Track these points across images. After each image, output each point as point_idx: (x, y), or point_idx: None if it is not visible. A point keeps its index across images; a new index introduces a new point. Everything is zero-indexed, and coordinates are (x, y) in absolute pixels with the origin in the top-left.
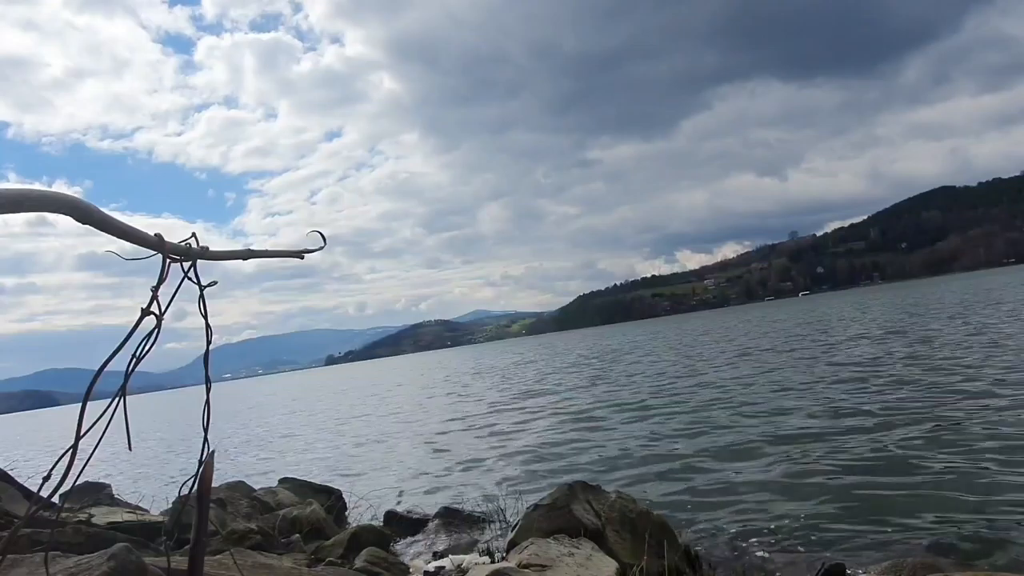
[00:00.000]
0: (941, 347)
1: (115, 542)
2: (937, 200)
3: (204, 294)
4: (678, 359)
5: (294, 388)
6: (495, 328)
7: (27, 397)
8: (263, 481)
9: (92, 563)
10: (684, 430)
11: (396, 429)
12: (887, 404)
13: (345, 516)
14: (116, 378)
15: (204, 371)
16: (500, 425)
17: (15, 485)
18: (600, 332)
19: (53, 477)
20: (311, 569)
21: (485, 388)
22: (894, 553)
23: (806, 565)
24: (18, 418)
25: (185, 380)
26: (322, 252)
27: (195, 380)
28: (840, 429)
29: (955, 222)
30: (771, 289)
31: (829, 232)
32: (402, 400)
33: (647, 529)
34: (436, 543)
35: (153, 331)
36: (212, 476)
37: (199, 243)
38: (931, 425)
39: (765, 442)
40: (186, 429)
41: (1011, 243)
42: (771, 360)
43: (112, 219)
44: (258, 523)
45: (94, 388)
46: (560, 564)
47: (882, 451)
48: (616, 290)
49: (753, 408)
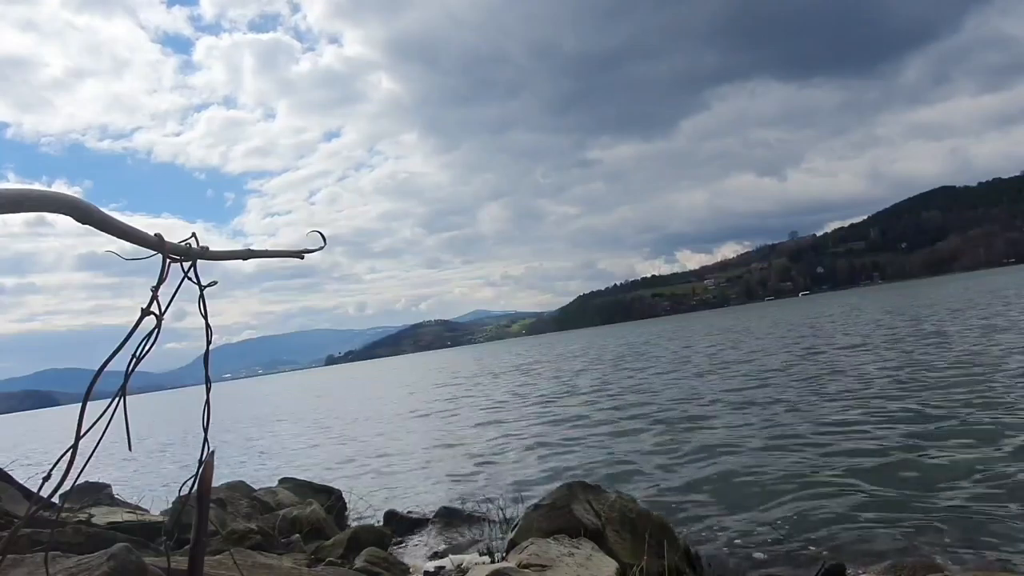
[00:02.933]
0: (951, 344)
1: (115, 542)
2: (937, 200)
3: (204, 294)
4: (677, 358)
5: (295, 388)
6: (495, 328)
7: (27, 397)
8: (263, 481)
9: (92, 563)
10: (684, 430)
11: (396, 429)
12: (887, 404)
13: (345, 516)
14: (116, 378)
15: (204, 371)
16: (500, 425)
17: (15, 485)
18: (600, 332)
19: (53, 477)
20: (311, 569)
21: (485, 388)
22: (894, 553)
23: (806, 565)
24: (18, 418)
25: (185, 380)
26: (322, 252)
27: (195, 380)
28: (840, 429)
29: (955, 222)
30: (771, 289)
31: (829, 232)
32: (403, 400)
33: (647, 529)
34: (436, 543)
35: (153, 331)
36: (212, 476)
37: (199, 243)
38: (932, 426)
39: (765, 442)
40: (186, 429)
41: (1011, 243)
42: (771, 360)
43: (112, 219)
44: (258, 523)
45: (94, 388)
46: (560, 564)
47: (882, 451)
48: (616, 290)
49: (753, 408)
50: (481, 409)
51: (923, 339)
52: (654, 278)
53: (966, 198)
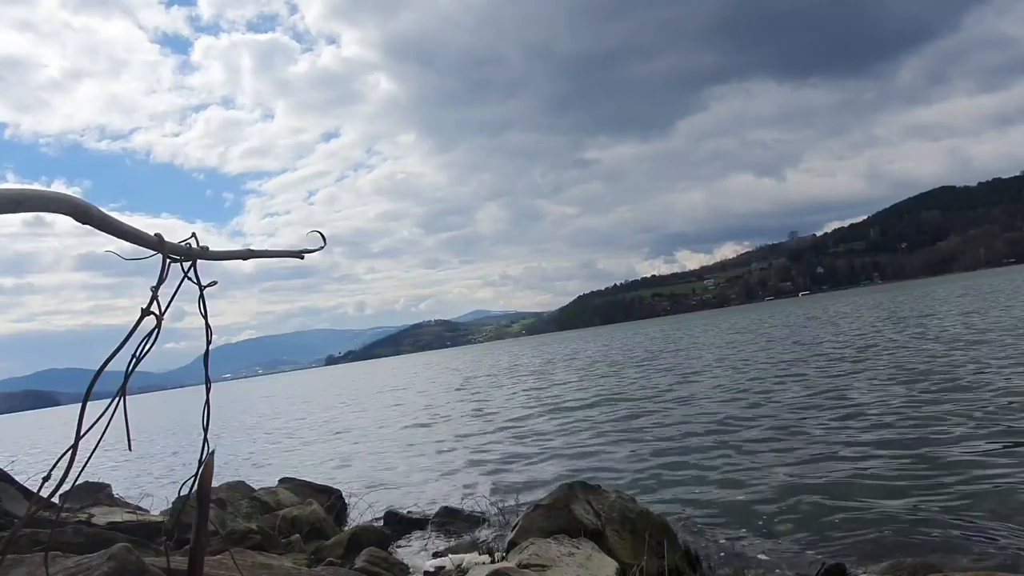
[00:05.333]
0: (956, 343)
1: (115, 542)
2: (937, 200)
3: (204, 294)
4: (677, 359)
5: (295, 388)
6: (495, 328)
7: (27, 397)
8: (263, 481)
9: (92, 563)
10: (684, 430)
11: (397, 429)
12: (887, 405)
13: (345, 516)
14: (116, 378)
15: (204, 371)
16: (500, 425)
17: (15, 485)
18: (602, 332)
19: (53, 477)
20: (311, 569)
21: (486, 389)
22: (894, 553)
23: (806, 565)
24: (18, 418)
25: (185, 380)
26: (321, 252)
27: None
28: (840, 429)
29: (955, 222)
30: (771, 289)
31: (829, 232)
32: (403, 400)
33: (647, 529)
34: (436, 543)
35: (153, 331)
36: (212, 476)
37: (199, 243)
38: (934, 427)
39: (765, 442)
40: (186, 429)
41: (1011, 243)
42: (772, 361)
43: (112, 219)
44: (258, 523)
45: (94, 388)
46: (560, 564)
47: (883, 451)
48: (616, 290)
49: (753, 408)
50: (481, 409)
51: (930, 340)
52: (654, 278)
53: (966, 198)
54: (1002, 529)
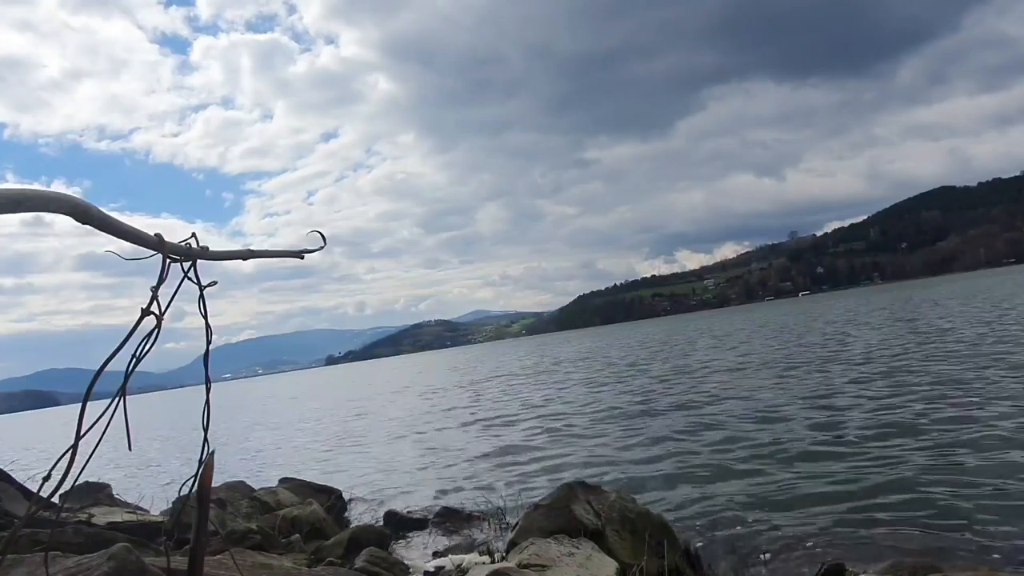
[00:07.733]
0: (959, 343)
1: (115, 542)
2: (937, 200)
3: (204, 294)
4: (677, 359)
5: (295, 389)
6: (495, 328)
7: (27, 397)
8: (263, 481)
9: (92, 563)
10: (684, 430)
11: (397, 429)
12: (887, 405)
13: (345, 516)
14: (116, 378)
15: (204, 371)
16: (500, 425)
17: (15, 485)
18: (602, 332)
19: (53, 477)
20: (311, 569)
21: (486, 389)
22: (894, 553)
23: (806, 565)
24: (18, 418)
25: (185, 380)
26: (321, 252)
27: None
28: (841, 430)
29: (955, 222)
30: (771, 289)
31: (829, 232)
32: (403, 400)
33: (647, 529)
34: (436, 543)
35: (153, 331)
36: (212, 476)
37: (199, 243)
38: (935, 429)
39: (766, 442)
40: (186, 429)
41: (1011, 243)
42: (772, 360)
43: (112, 219)
44: (258, 523)
45: (94, 388)
46: (560, 564)
47: (883, 451)
48: (616, 290)
49: (754, 409)
50: (481, 409)
51: (933, 337)
52: (654, 278)
53: (966, 198)
54: (1002, 529)
